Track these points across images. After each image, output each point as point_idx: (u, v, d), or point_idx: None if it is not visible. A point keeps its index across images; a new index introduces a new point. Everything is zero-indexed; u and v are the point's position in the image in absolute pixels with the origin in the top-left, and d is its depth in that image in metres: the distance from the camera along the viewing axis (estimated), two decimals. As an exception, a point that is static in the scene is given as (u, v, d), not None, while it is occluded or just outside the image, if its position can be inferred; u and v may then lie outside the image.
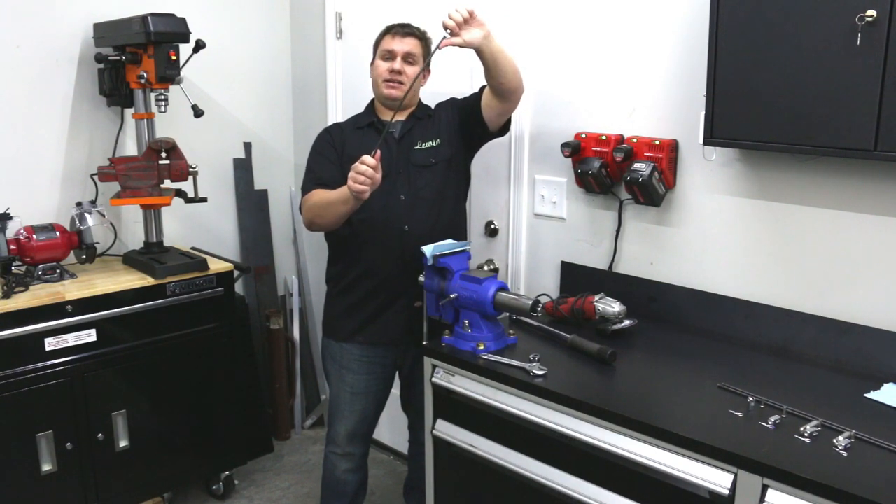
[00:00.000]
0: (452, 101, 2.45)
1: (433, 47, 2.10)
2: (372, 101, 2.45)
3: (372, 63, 2.41)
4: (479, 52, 2.10)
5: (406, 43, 2.32)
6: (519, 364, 1.95)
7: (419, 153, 2.33)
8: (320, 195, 2.24)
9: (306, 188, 2.33)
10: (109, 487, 2.62)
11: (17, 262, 2.56)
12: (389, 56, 2.33)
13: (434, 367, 2.11)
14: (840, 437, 1.54)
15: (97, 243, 2.71)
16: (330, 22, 3.19)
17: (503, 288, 2.07)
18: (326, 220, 2.24)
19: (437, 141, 2.36)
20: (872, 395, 1.77)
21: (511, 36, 2.55)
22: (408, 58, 2.32)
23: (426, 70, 2.34)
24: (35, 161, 2.78)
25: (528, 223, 2.64)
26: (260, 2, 3.31)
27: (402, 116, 2.36)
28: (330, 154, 2.36)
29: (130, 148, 2.95)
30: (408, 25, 2.37)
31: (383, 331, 2.36)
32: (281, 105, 3.46)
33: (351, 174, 2.02)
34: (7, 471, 2.39)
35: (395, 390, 2.56)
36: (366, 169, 2.00)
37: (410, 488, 2.70)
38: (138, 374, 2.64)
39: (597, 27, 2.35)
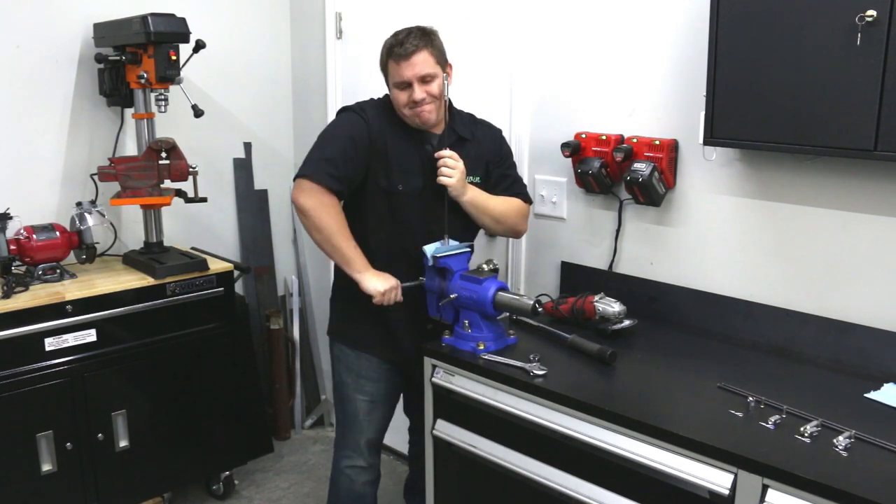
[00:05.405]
0: (498, 142, 2.31)
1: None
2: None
3: (388, 85, 2.18)
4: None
5: (415, 63, 2.06)
6: (519, 364, 1.94)
7: None
8: (340, 228, 2.09)
9: (318, 176, 2.06)
10: (109, 487, 2.62)
11: (17, 262, 2.55)
12: (405, 85, 2.09)
13: (434, 367, 2.11)
14: (840, 437, 1.54)
15: (97, 243, 2.71)
16: (330, 22, 3.19)
17: (503, 288, 2.07)
18: (312, 235, 2.12)
19: (478, 178, 2.23)
20: (872, 395, 1.77)
21: (512, 36, 2.56)
22: (425, 78, 2.08)
23: (447, 71, 2.15)
24: (35, 161, 2.78)
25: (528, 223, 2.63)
26: (260, 2, 3.31)
27: (437, 129, 2.20)
28: (359, 152, 2.11)
29: (130, 148, 2.95)
30: (407, 40, 2.08)
31: (398, 348, 2.28)
32: (281, 105, 3.46)
33: (387, 295, 2.09)
34: (7, 471, 2.39)
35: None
36: (396, 298, 2.11)
37: (411, 489, 2.69)
38: (138, 374, 2.64)
39: (597, 27, 2.35)
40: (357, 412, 2.34)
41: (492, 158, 2.28)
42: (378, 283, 2.10)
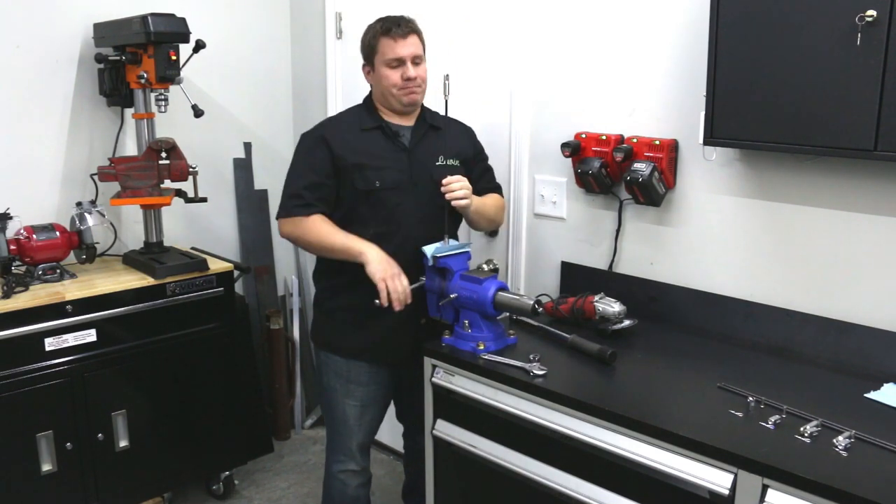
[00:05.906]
0: (473, 138, 2.38)
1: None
2: (369, 101, 2.28)
3: (369, 69, 2.23)
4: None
5: (410, 44, 2.15)
6: (519, 364, 1.94)
7: (442, 170, 2.20)
8: (323, 229, 2.13)
9: (288, 211, 2.18)
10: (109, 487, 2.62)
11: (17, 262, 2.55)
12: (398, 63, 2.16)
13: (434, 367, 2.11)
14: (840, 437, 1.54)
15: (97, 243, 2.71)
16: (330, 22, 3.19)
17: (503, 288, 2.07)
18: (312, 251, 2.18)
19: (457, 161, 2.26)
20: (872, 395, 1.77)
21: (512, 36, 2.56)
22: (415, 59, 2.17)
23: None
24: (35, 161, 2.78)
25: (528, 223, 2.64)
26: (260, 2, 3.31)
27: (409, 122, 2.25)
28: (323, 174, 2.18)
29: (130, 148, 2.95)
30: (402, 21, 2.18)
31: (392, 351, 2.26)
32: (281, 105, 3.46)
33: (391, 284, 2.03)
34: (7, 471, 2.39)
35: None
36: (404, 292, 2.05)
37: (409, 493, 2.68)
38: (138, 374, 2.64)
39: (597, 27, 2.35)
40: (347, 417, 2.32)
41: (471, 154, 2.34)
42: (381, 267, 2.06)
